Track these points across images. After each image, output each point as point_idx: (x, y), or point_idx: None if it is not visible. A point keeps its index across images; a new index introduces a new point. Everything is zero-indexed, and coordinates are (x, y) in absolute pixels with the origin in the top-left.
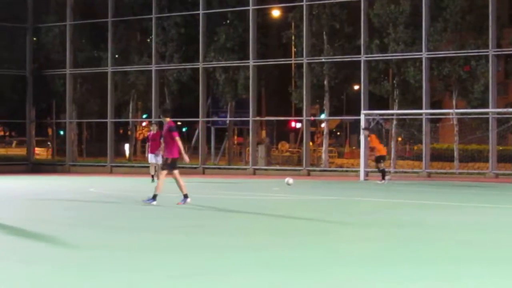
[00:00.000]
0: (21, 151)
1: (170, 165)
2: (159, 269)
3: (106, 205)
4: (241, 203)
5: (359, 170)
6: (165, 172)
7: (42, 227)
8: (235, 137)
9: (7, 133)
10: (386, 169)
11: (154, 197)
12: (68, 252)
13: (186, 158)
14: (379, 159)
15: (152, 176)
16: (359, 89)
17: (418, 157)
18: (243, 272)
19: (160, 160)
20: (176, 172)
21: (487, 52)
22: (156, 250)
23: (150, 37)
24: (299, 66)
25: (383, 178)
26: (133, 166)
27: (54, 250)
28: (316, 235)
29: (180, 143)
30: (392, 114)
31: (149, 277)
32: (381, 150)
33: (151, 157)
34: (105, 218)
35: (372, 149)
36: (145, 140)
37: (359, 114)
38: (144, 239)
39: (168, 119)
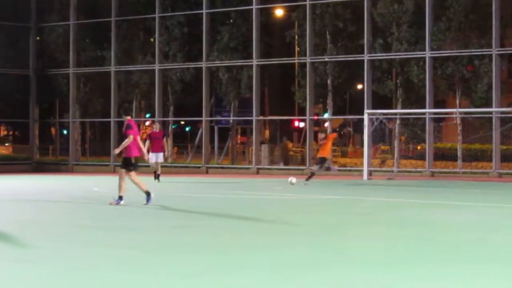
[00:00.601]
0: None
1: (134, 164)
2: (160, 269)
3: (110, 205)
4: (244, 202)
5: (362, 169)
6: (133, 172)
7: (45, 227)
8: (238, 136)
9: (11, 132)
10: (389, 169)
11: (148, 195)
12: (69, 252)
13: (116, 151)
14: (322, 161)
15: (155, 174)
16: (363, 88)
17: (422, 157)
18: (244, 271)
19: (161, 159)
20: (125, 171)
21: (491, 51)
22: (157, 249)
23: (154, 36)
24: (303, 66)
25: (309, 178)
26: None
27: (56, 250)
28: (319, 234)
29: (126, 142)
30: (396, 114)
31: (150, 277)
32: (325, 152)
33: (151, 156)
34: (108, 218)
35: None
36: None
37: (362, 114)
38: (146, 239)
39: (128, 117)
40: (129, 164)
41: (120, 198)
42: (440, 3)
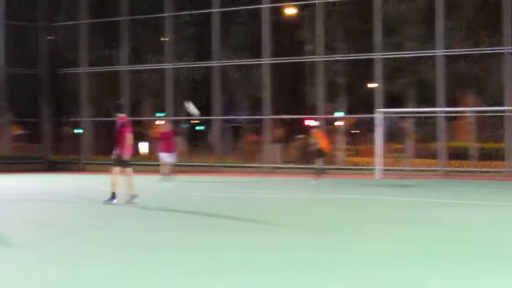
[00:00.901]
0: None
1: (123, 162)
2: (162, 268)
3: (112, 205)
4: (255, 201)
5: (374, 168)
6: (117, 168)
7: (52, 226)
8: (250, 135)
9: (22, 132)
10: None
11: (113, 197)
12: (75, 250)
13: (127, 155)
14: (321, 154)
15: (162, 176)
16: (374, 87)
17: (434, 155)
18: (250, 271)
19: (172, 159)
20: (118, 169)
21: (502, 49)
22: (159, 248)
23: (164, 35)
24: (314, 64)
25: (318, 177)
26: (146, 165)
27: (62, 249)
28: (329, 233)
29: (128, 140)
30: (408, 112)
31: (152, 275)
32: (323, 146)
33: (162, 155)
34: (112, 217)
35: (313, 144)
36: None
37: (374, 112)
38: (149, 238)
39: (121, 115)
40: (118, 160)
41: (132, 197)
42: (451, 1)
